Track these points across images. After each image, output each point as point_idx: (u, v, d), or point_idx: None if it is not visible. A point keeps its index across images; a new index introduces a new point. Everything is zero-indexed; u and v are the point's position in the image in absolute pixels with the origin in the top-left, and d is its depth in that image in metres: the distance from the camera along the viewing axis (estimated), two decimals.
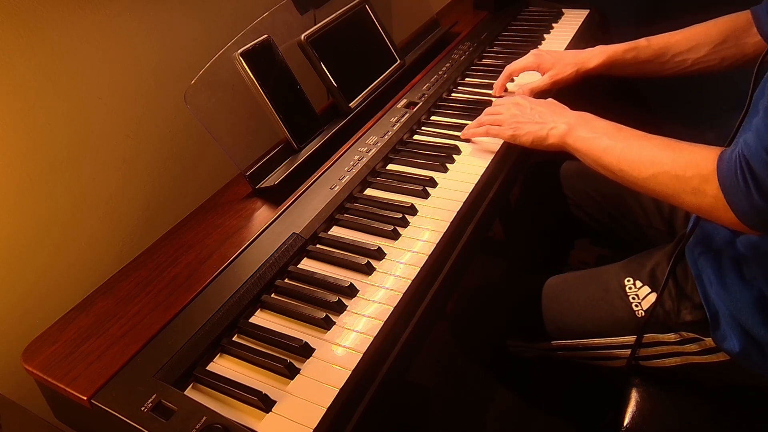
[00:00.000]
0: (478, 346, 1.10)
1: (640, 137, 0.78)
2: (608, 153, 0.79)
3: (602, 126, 0.83)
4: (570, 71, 1.07)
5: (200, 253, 0.81)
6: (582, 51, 1.09)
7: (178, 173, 1.15)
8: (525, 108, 0.94)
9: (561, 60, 1.08)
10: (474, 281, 1.14)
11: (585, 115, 0.87)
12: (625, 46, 1.04)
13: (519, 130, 0.91)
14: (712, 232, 0.81)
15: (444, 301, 0.81)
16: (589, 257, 1.40)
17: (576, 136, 0.84)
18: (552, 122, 0.88)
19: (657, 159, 0.74)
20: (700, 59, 1.00)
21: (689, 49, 1.00)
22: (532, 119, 0.91)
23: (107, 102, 0.99)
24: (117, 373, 0.64)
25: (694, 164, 0.70)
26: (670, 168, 0.72)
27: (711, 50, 0.99)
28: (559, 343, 0.94)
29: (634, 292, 0.87)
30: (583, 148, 0.83)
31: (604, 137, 0.81)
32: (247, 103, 0.94)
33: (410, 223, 0.84)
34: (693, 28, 1.02)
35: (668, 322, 0.84)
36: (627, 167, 0.77)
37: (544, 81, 1.08)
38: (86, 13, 0.92)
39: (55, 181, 0.93)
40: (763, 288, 0.74)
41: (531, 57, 1.11)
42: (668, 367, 0.86)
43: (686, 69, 1.02)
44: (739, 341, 0.77)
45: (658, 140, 0.76)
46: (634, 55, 1.04)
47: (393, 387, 0.67)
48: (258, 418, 0.60)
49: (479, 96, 1.15)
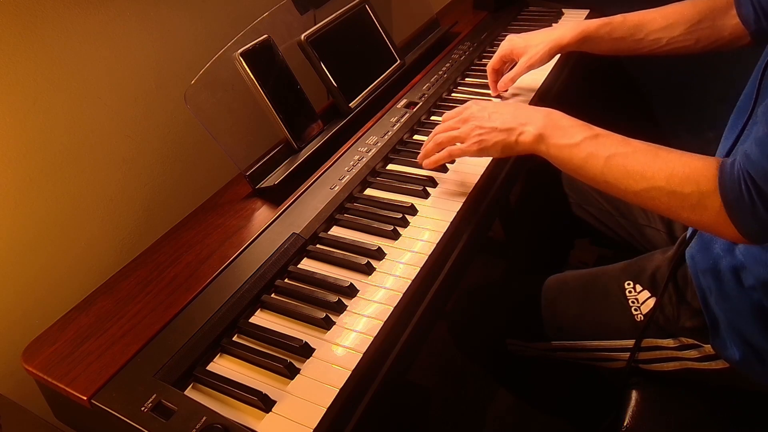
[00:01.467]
0: (477, 345, 1.10)
1: (622, 143, 0.72)
2: (589, 163, 0.73)
3: (578, 130, 0.76)
4: (543, 50, 1.03)
5: (200, 253, 0.81)
6: (554, 28, 1.07)
7: (178, 173, 1.15)
8: (483, 115, 0.84)
9: (532, 41, 1.05)
10: (474, 281, 1.14)
11: (553, 115, 0.79)
12: (599, 22, 1.02)
13: (485, 143, 0.82)
14: (711, 239, 0.80)
15: (444, 301, 0.81)
16: (589, 257, 1.40)
17: (549, 143, 0.77)
18: (519, 127, 0.80)
19: (648, 172, 0.68)
20: (674, 38, 0.97)
21: (664, 27, 0.97)
22: (494, 126, 0.81)
23: (107, 102, 0.99)
24: (117, 373, 0.64)
25: (693, 180, 0.65)
26: (664, 184, 0.67)
27: (686, 30, 0.96)
28: (558, 344, 0.94)
29: (633, 296, 0.86)
30: (559, 156, 0.77)
31: (583, 144, 0.74)
32: (247, 103, 0.94)
33: (410, 223, 0.84)
34: (670, 6, 0.99)
35: (668, 327, 0.83)
36: (613, 180, 0.72)
37: (520, 67, 1.05)
38: (86, 13, 0.92)
39: (55, 181, 0.93)
40: (762, 296, 0.73)
41: (503, 44, 1.08)
42: (667, 371, 0.85)
43: (661, 48, 0.99)
44: (738, 349, 0.76)
45: (645, 148, 0.71)
46: (608, 31, 1.01)
47: (393, 387, 0.67)
48: (258, 418, 0.60)
49: (479, 96, 1.15)
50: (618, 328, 0.87)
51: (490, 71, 1.11)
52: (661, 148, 0.71)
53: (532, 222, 1.29)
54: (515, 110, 0.83)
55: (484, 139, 0.82)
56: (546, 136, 0.77)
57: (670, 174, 0.67)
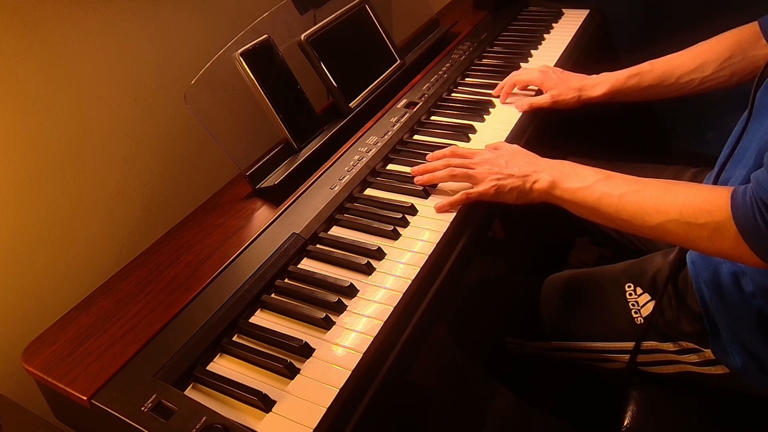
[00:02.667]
0: (477, 342, 1.10)
1: (633, 182, 0.74)
2: (604, 203, 0.75)
3: (589, 173, 0.78)
4: (572, 95, 1.04)
5: (200, 253, 0.81)
6: (588, 77, 1.06)
7: (178, 173, 1.15)
8: (500, 162, 0.85)
9: (566, 82, 1.06)
10: (474, 281, 1.14)
11: (564, 164, 0.82)
12: (627, 73, 1.02)
13: (502, 188, 0.83)
14: None
15: (444, 301, 0.81)
16: (589, 257, 1.40)
17: (563, 188, 0.79)
18: (533, 175, 0.82)
19: (662, 207, 0.69)
20: (707, 78, 0.97)
21: (694, 68, 0.97)
22: (511, 173, 0.83)
23: (107, 102, 0.99)
24: (117, 373, 0.64)
25: (705, 211, 0.66)
26: (678, 216, 0.68)
27: (718, 67, 0.95)
28: (558, 344, 0.94)
29: (634, 299, 0.85)
30: (573, 199, 0.78)
31: (595, 185, 0.76)
32: (247, 103, 0.94)
33: (410, 223, 0.84)
34: (697, 46, 0.99)
35: (668, 331, 0.83)
36: (628, 217, 0.73)
37: (545, 99, 1.06)
38: (86, 13, 0.92)
39: (55, 181, 0.93)
40: (763, 303, 0.73)
41: (537, 73, 1.09)
42: (667, 374, 0.85)
43: (695, 89, 0.99)
44: (739, 356, 0.76)
45: (656, 183, 0.72)
46: (637, 82, 1.01)
47: (393, 387, 0.67)
48: (258, 418, 0.60)
49: (479, 96, 1.15)
50: (618, 331, 0.87)
51: (511, 83, 1.11)
52: (672, 182, 0.72)
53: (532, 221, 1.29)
54: (530, 159, 0.86)
55: (502, 185, 0.83)
56: (558, 182, 0.80)
57: (683, 206, 0.68)
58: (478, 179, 0.84)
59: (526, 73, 1.10)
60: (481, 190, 0.84)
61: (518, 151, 0.88)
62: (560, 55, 1.27)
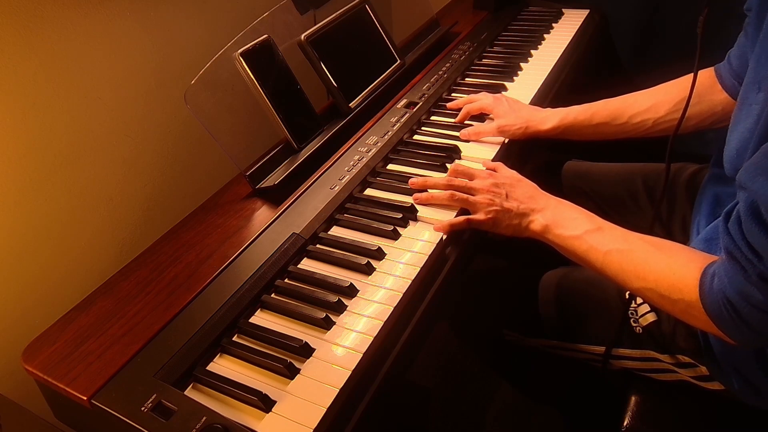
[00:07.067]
0: (476, 333, 1.09)
1: (621, 239, 0.74)
2: (590, 257, 0.75)
3: (582, 222, 0.78)
4: (519, 126, 1.00)
5: (200, 253, 0.81)
6: (539, 110, 1.03)
7: (178, 173, 1.15)
8: (501, 192, 0.84)
9: (516, 112, 1.02)
10: (473, 273, 1.14)
11: (561, 207, 0.82)
12: (579, 108, 0.99)
13: (499, 222, 0.83)
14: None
15: (444, 301, 0.81)
16: None
17: (555, 233, 0.79)
18: (530, 215, 0.82)
19: (641, 273, 0.70)
20: (660, 119, 0.94)
21: (647, 108, 0.94)
22: (510, 208, 0.83)
23: (107, 102, 0.99)
24: (117, 373, 0.64)
25: (677, 289, 0.66)
26: (655, 286, 0.68)
27: (672, 109, 0.92)
28: (556, 343, 0.94)
29: (633, 308, 0.85)
30: (564, 245, 0.79)
31: (585, 236, 0.76)
32: (247, 103, 0.94)
33: (410, 223, 0.84)
34: (654, 88, 0.97)
35: (665, 343, 0.82)
36: (612, 274, 0.73)
37: (492, 127, 1.01)
38: (86, 13, 0.92)
39: (55, 181, 0.93)
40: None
41: (489, 99, 1.05)
42: (665, 381, 0.85)
43: (649, 130, 0.96)
44: (734, 377, 0.76)
45: (641, 247, 0.72)
46: (588, 118, 0.98)
47: (393, 387, 0.67)
48: (258, 418, 0.60)
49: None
50: (616, 337, 0.86)
51: (465, 114, 1.07)
52: (659, 245, 0.71)
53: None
54: (531, 192, 0.85)
55: (499, 219, 0.83)
56: (552, 227, 0.80)
57: (658, 278, 0.68)
58: (478, 208, 0.84)
59: (479, 102, 1.06)
60: (480, 219, 0.83)
61: (518, 181, 0.87)
62: (560, 55, 1.28)
